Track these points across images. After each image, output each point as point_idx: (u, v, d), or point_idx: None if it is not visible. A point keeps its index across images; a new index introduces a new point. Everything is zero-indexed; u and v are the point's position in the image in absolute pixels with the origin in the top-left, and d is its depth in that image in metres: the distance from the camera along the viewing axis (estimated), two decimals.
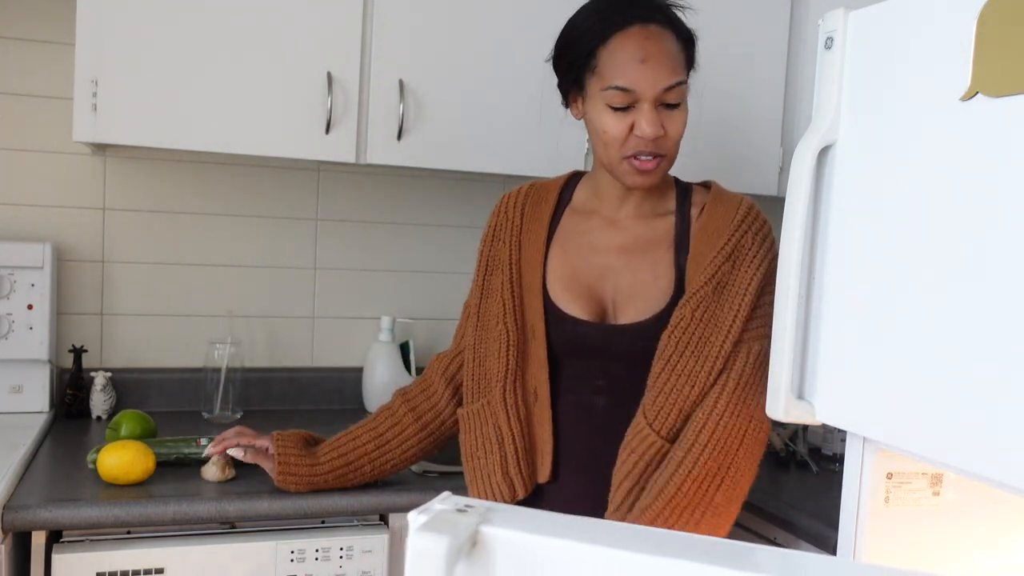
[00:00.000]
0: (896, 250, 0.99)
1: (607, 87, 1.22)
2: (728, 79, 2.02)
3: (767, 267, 1.26)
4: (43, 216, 1.93)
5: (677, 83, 1.23)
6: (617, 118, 1.22)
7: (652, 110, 1.21)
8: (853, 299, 1.05)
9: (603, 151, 1.27)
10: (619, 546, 0.53)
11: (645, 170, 1.24)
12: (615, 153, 1.25)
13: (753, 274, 1.25)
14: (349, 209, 2.13)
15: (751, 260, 1.26)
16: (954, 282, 0.91)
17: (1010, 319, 0.85)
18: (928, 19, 0.96)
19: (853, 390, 1.04)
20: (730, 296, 1.24)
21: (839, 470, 1.75)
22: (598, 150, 1.29)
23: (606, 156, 1.27)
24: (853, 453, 1.10)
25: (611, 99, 1.22)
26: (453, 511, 0.55)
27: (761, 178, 2.07)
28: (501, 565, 0.54)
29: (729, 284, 1.25)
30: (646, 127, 1.21)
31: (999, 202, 0.87)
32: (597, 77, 1.23)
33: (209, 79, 1.68)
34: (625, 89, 1.21)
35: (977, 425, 0.88)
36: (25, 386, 1.84)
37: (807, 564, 0.52)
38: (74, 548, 1.37)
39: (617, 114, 1.22)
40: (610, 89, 1.21)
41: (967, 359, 0.90)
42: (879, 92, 1.03)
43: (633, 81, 1.20)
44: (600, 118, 1.24)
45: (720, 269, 1.25)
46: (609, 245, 1.33)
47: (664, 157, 1.25)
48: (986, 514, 1.12)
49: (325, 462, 1.44)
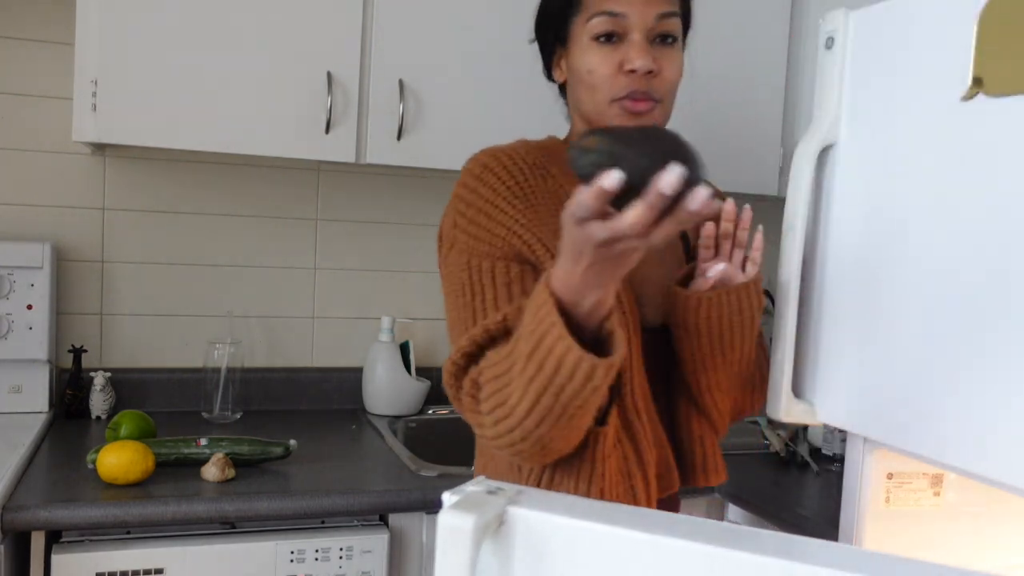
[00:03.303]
0: (896, 250, 0.99)
1: (593, 15, 1.05)
2: (728, 79, 2.02)
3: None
4: (43, 216, 1.92)
5: (672, 12, 1.06)
6: (604, 54, 1.05)
7: (644, 41, 1.04)
8: (853, 299, 1.05)
9: (589, 98, 1.08)
10: (643, 528, 0.55)
11: (637, 111, 1.05)
12: (603, 96, 1.06)
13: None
14: (349, 209, 2.13)
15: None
16: (954, 282, 0.91)
17: (1010, 319, 0.85)
18: (928, 19, 0.96)
19: (853, 390, 1.04)
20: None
21: (839, 470, 1.75)
22: (583, 100, 1.09)
23: (592, 103, 1.07)
24: (853, 453, 1.10)
25: (597, 27, 1.05)
26: (484, 492, 0.58)
27: (761, 178, 2.07)
28: (527, 544, 0.56)
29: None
30: (636, 58, 1.03)
31: (999, 202, 0.87)
32: (582, 13, 1.07)
33: (209, 79, 1.68)
34: (613, 13, 1.04)
35: (977, 425, 0.88)
36: (25, 386, 1.84)
37: (848, 554, 0.53)
38: (74, 548, 1.37)
39: (604, 49, 1.05)
40: (597, 16, 1.05)
41: (967, 359, 0.90)
42: (879, 92, 1.02)
43: (622, 4, 1.04)
44: (585, 57, 1.06)
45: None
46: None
47: (659, 103, 1.06)
48: (986, 514, 1.12)
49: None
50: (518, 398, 0.90)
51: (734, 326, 1.05)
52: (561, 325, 0.83)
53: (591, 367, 0.84)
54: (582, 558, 0.56)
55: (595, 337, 0.88)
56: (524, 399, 0.89)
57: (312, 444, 1.78)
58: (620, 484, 1.02)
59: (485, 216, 1.05)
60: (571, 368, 0.84)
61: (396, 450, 1.78)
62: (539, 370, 0.86)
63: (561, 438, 0.93)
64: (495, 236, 1.03)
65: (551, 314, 0.84)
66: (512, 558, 0.57)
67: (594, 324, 0.87)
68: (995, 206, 0.87)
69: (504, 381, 0.92)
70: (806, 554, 0.52)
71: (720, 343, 1.06)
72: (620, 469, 1.03)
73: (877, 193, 1.02)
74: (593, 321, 0.87)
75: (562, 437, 0.93)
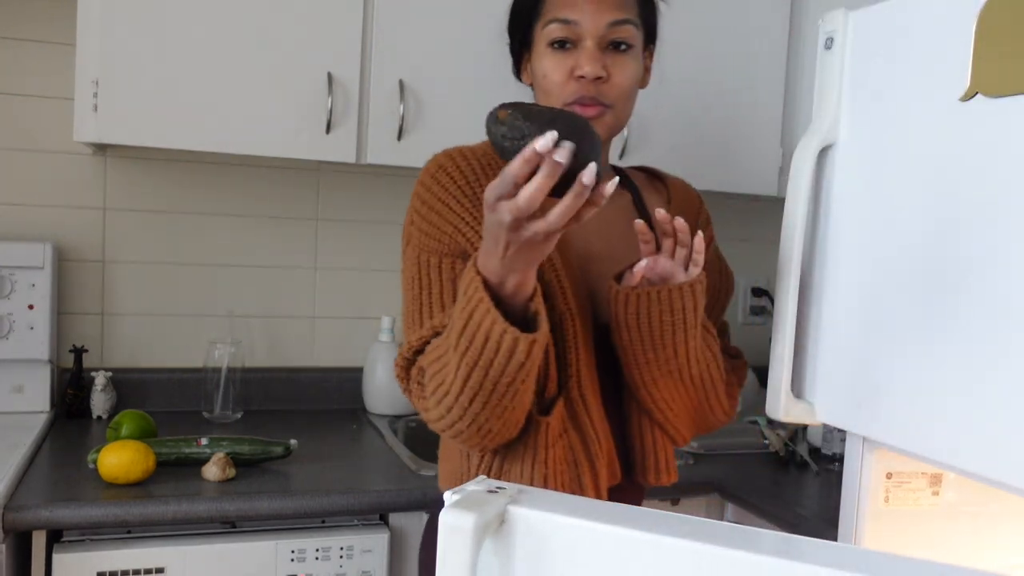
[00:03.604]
0: (896, 250, 0.99)
1: (549, 21, 1.10)
2: (728, 79, 2.02)
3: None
4: (43, 216, 1.93)
5: (624, 20, 1.10)
6: (558, 60, 1.10)
7: (595, 48, 1.08)
8: (853, 299, 1.05)
9: (545, 101, 1.13)
10: (643, 528, 0.55)
11: (587, 116, 1.09)
12: (556, 100, 1.11)
13: (726, 272, 1.27)
14: (349, 209, 2.13)
15: (718, 257, 1.27)
16: (954, 282, 0.91)
17: (1010, 319, 0.85)
18: (928, 19, 0.96)
19: (853, 390, 1.05)
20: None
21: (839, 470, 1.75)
22: (541, 102, 1.14)
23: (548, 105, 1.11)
24: (853, 453, 1.11)
25: (552, 33, 1.10)
26: (485, 491, 0.59)
27: (761, 178, 2.07)
28: (527, 543, 0.57)
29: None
30: (585, 65, 1.07)
31: (999, 202, 0.87)
32: (541, 18, 1.12)
33: (209, 79, 1.68)
34: (565, 20, 1.09)
35: (977, 425, 0.88)
36: (26, 386, 1.84)
37: (847, 554, 0.53)
38: (74, 548, 1.37)
39: (558, 55, 1.10)
40: (551, 23, 1.10)
41: (967, 359, 0.90)
42: (879, 92, 1.03)
43: (574, 11, 1.08)
44: (541, 62, 1.11)
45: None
46: (584, 228, 1.17)
47: (609, 108, 1.10)
48: (986, 514, 1.12)
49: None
50: (453, 375, 0.95)
51: (664, 325, 1.05)
52: (488, 300, 0.89)
53: (513, 340, 0.89)
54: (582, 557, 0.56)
55: (524, 317, 0.93)
56: (458, 376, 0.94)
57: (312, 444, 1.78)
58: (566, 472, 1.06)
59: (436, 214, 1.10)
60: (496, 341, 0.89)
61: (396, 450, 1.78)
62: (470, 344, 0.91)
63: (497, 419, 0.97)
64: (443, 234, 1.09)
65: (479, 290, 0.89)
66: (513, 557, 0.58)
67: (520, 304, 0.92)
68: (994, 205, 0.87)
69: (443, 362, 0.97)
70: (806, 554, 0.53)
71: (650, 340, 1.07)
72: (566, 458, 1.07)
73: (877, 193, 1.02)
74: (518, 301, 0.92)
75: (498, 418, 0.97)
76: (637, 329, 1.06)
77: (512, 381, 0.93)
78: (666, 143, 1.97)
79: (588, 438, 1.08)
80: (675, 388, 1.11)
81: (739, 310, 2.50)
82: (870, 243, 1.03)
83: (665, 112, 1.96)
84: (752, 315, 2.51)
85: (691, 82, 1.99)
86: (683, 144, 2.00)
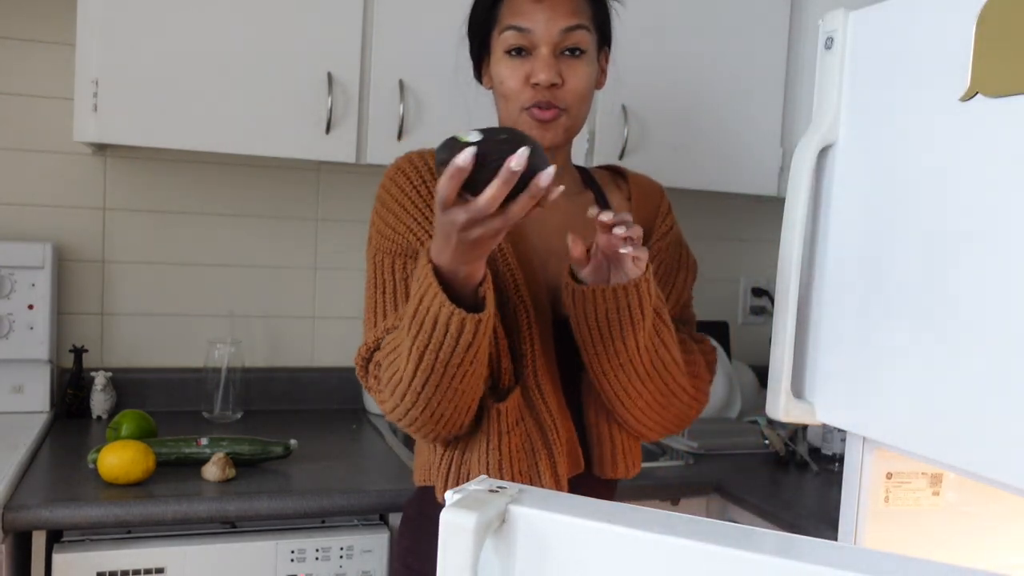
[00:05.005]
0: (895, 250, 0.99)
1: (504, 28, 1.14)
2: (728, 79, 2.02)
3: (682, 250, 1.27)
4: (43, 216, 1.93)
5: (577, 26, 1.13)
6: (514, 66, 1.13)
7: (549, 55, 1.12)
8: (853, 299, 1.05)
9: (503, 106, 1.17)
10: (643, 527, 0.55)
11: (542, 120, 1.13)
12: (514, 106, 1.14)
13: (687, 260, 1.26)
14: (349, 209, 2.13)
15: (679, 245, 1.27)
16: (954, 282, 0.91)
17: (1010, 319, 0.85)
18: (928, 19, 0.96)
19: (853, 390, 1.05)
20: (669, 282, 1.24)
21: (839, 470, 1.76)
22: (500, 108, 1.19)
23: (507, 112, 1.17)
24: (853, 453, 1.11)
25: (507, 41, 1.13)
26: (486, 491, 0.59)
27: (761, 178, 2.07)
28: (528, 542, 0.58)
29: (667, 270, 1.24)
30: (540, 72, 1.11)
31: (999, 202, 0.87)
32: (498, 25, 1.16)
33: (209, 79, 1.68)
34: (520, 28, 1.12)
35: (977, 425, 0.88)
36: (26, 386, 1.84)
37: (847, 554, 0.53)
38: (74, 548, 1.37)
39: (514, 62, 1.13)
40: (507, 31, 1.13)
41: (967, 359, 0.90)
42: (879, 92, 1.03)
43: (528, 19, 1.12)
44: (498, 68, 1.15)
45: (662, 254, 1.24)
46: (546, 226, 1.21)
47: (565, 112, 1.14)
48: (986, 514, 1.12)
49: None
50: (405, 361, 0.99)
51: (612, 321, 1.07)
52: (436, 285, 0.93)
53: (461, 320, 0.93)
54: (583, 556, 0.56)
55: (474, 302, 0.98)
56: (410, 360, 0.98)
57: (312, 444, 1.78)
58: (523, 460, 1.11)
59: (392, 215, 1.15)
60: (445, 322, 0.94)
61: (396, 450, 1.78)
62: (420, 328, 0.96)
63: (449, 403, 1.01)
64: (397, 234, 1.14)
65: (428, 276, 0.94)
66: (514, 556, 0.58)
67: (470, 291, 0.97)
68: (994, 205, 0.87)
69: (398, 352, 1.01)
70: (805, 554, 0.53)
71: (598, 334, 1.09)
72: (523, 446, 1.11)
73: (876, 193, 1.02)
74: (469, 287, 0.96)
75: (449, 401, 1.01)
76: (586, 323, 1.09)
77: (461, 362, 0.97)
78: (666, 143, 1.97)
79: (546, 427, 1.12)
80: (628, 379, 1.13)
81: (739, 310, 2.50)
82: (870, 243, 1.03)
83: (665, 112, 1.96)
84: (752, 315, 2.51)
85: (691, 82, 1.99)
86: (683, 144, 2.00)
